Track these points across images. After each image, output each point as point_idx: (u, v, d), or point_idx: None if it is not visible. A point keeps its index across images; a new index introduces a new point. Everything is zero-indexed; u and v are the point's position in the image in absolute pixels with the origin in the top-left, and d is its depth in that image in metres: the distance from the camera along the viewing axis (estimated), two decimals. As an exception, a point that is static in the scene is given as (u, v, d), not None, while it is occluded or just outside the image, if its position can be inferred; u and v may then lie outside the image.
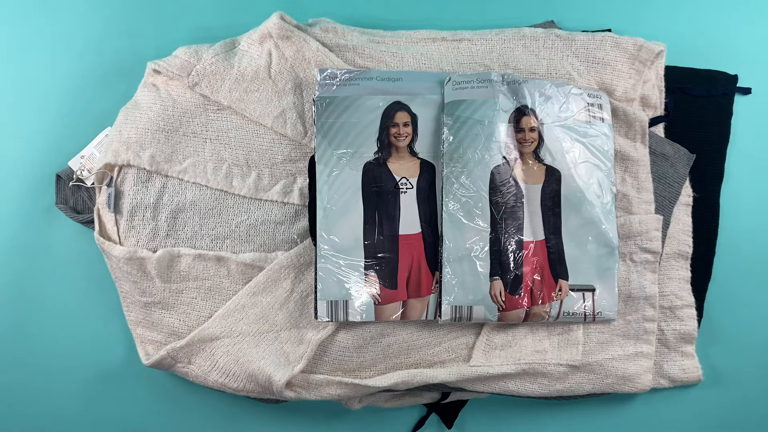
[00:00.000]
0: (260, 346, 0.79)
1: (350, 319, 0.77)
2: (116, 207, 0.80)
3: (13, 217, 0.86)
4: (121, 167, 0.80)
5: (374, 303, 0.77)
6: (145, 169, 0.80)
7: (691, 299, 0.86)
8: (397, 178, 0.78)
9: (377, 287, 0.77)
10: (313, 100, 0.78)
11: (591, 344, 0.83)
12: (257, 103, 0.81)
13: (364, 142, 0.78)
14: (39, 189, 0.86)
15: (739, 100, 0.89)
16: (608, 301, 0.81)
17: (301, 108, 0.82)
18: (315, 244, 0.77)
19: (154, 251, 0.79)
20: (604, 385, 0.83)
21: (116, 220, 0.80)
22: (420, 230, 0.79)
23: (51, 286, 0.86)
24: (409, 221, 0.78)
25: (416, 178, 0.79)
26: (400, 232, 0.78)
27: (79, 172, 0.83)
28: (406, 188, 0.79)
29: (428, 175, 0.79)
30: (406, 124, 0.79)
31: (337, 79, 0.78)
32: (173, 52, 0.82)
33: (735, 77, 0.89)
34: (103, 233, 0.81)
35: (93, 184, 0.83)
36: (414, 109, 0.79)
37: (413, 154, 0.79)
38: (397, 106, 0.79)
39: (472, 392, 0.83)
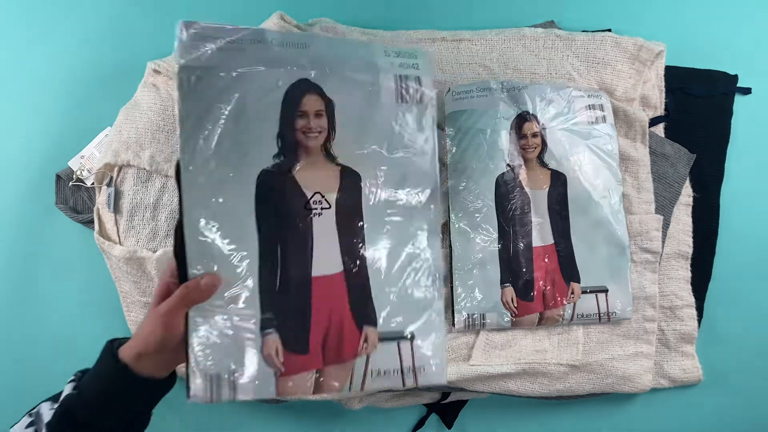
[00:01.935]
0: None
1: (239, 397, 0.54)
2: (116, 207, 0.80)
3: (13, 217, 0.86)
4: (121, 167, 0.80)
5: (275, 374, 0.55)
6: (144, 169, 0.80)
7: (691, 299, 0.86)
8: (308, 194, 0.56)
9: (280, 353, 0.55)
10: (175, 71, 0.53)
11: (591, 344, 0.83)
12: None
13: (258, 139, 0.55)
14: (39, 189, 0.86)
15: (739, 100, 0.89)
16: (622, 301, 0.81)
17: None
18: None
19: (154, 251, 0.79)
20: (605, 385, 0.83)
21: (116, 220, 0.80)
22: (342, 269, 0.57)
23: (51, 286, 0.86)
24: (327, 256, 0.56)
25: (335, 194, 0.57)
26: (314, 273, 0.56)
27: (79, 172, 0.83)
28: (321, 208, 0.56)
29: (352, 188, 0.57)
30: (318, 114, 0.56)
31: (213, 41, 0.54)
32: (173, 52, 0.82)
33: (735, 77, 0.89)
34: (103, 233, 0.81)
35: (93, 184, 0.83)
36: (329, 92, 0.56)
37: (330, 158, 0.57)
38: (304, 86, 0.55)
39: (472, 392, 0.83)
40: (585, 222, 0.80)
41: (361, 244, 0.57)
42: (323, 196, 0.57)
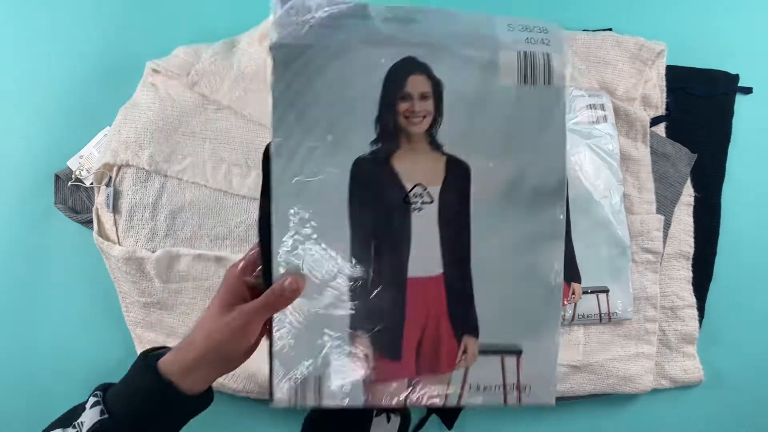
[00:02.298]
0: (260, 346, 0.79)
1: (325, 403, 0.51)
2: (115, 207, 0.80)
3: (11, 217, 0.86)
4: (120, 167, 0.80)
5: (364, 382, 0.51)
6: (144, 168, 0.79)
7: (693, 299, 0.85)
8: (408, 186, 0.51)
9: (370, 357, 0.51)
10: (270, 47, 0.48)
11: (592, 344, 0.82)
12: (257, 102, 0.81)
13: (355, 123, 0.49)
14: (38, 189, 0.86)
15: (740, 100, 0.89)
16: (623, 301, 0.81)
17: (301, 107, 0.81)
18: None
19: (153, 251, 0.79)
20: (605, 386, 0.82)
21: (115, 220, 0.80)
22: (442, 271, 0.51)
23: (51, 286, 0.86)
24: (426, 257, 0.51)
25: (438, 187, 0.51)
26: (410, 274, 0.51)
27: (77, 172, 0.83)
28: (422, 203, 0.51)
29: (458, 181, 0.50)
30: (424, 97, 0.50)
31: (311, 15, 0.48)
32: (173, 51, 0.82)
33: (736, 77, 0.88)
34: (102, 233, 0.80)
35: (92, 183, 0.82)
36: (437, 72, 0.49)
37: (435, 146, 0.50)
38: (410, 66, 0.49)
39: (472, 393, 0.83)
40: (586, 222, 0.80)
41: (465, 247, 0.51)
42: (425, 189, 0.51)
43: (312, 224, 0.49)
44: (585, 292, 0.80)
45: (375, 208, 0.50)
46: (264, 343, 0.53)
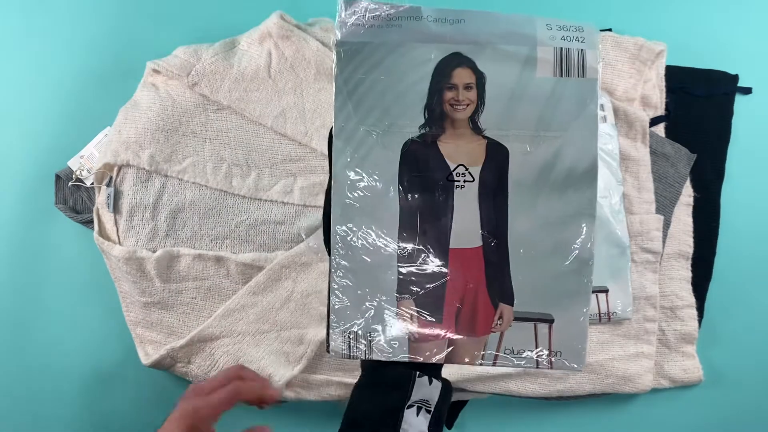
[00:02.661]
0: (260, 346, 0.79)
1: (375, 356, 0.57)
2: (115, 207, 0.80)
3: (12, 217, 0.86)
4: (120, 167, 0.80)
5: (408, 340, 0.56)
6: (144, 168, 0.79)
7: (692, 299, 0.86)
8: (452, 166, 0.56)
9: (414, 318, 0.57)
10: (333, 44, 0.55)
11: (591, 344, 0.83)
12: (257, 102, 0.81)
13: (406, 110, 0.56)
14: (38, 189, 0.86)
15: (739, 100, 0.89)
16: (623, 301, 0.81)
17: (302, 107, 0.82)
18: (329, 252, 0.57)
19: (154, 251, 0.79)
20: (605, 386, 0.82)
21: (116, 220, 0.80)
22: (481, 243, 0.57)
23: (51, 286, 0.86)
24: (467, 230, 0.56)
25: (479, 168, 0.56)
26: (452, 245, 0.56)
27: (78, 172, 0.83)
28: (464, 181, 0.56)
29: (497, 163, 0.56)
30: (468, 87, 0.55)
31: (370, 17, 0.55)
32: (173, 51, 0.82)
33: (735, 77, 0.89)
34: (103, 233, 0.80)
35: (92, 184, 0.82)
36: (481, 65, 0.55)
37: (477, 131, 0.56)
38: (456, 60, 0.55)
39: (472, 392, 0.83)
40: (585, 222, 0.80)
41: (503, 222, 0.56)
42: (467, 169, 0.56)
43: (364, 199, 0.55)
44: (585, 292, 0.80)
45: (422, 184, 0.56)
46: (263, 340, 0.56)
